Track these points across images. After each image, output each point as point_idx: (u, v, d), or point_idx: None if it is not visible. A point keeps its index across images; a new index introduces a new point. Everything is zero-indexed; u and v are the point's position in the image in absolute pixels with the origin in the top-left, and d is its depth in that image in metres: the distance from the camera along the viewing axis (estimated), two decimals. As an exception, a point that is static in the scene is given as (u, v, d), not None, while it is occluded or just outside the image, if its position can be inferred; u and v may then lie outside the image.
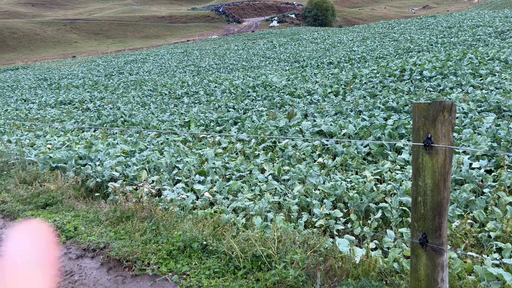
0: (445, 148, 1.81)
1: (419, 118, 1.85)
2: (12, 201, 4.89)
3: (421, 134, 1.86)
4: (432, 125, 1.81)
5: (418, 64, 14.31)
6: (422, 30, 33.14)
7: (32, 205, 4.67)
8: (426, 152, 1.85)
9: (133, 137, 8.81)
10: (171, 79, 23.19)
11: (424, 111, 1.82)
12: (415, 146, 1.89)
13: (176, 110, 13.28)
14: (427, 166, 1.86)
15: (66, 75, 32.94)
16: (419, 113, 1.85)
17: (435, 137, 1.81)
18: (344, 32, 44.25)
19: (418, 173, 1.91)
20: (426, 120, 1.82)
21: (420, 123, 1.85)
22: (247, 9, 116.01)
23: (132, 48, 77.83)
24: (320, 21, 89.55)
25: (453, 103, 1.81)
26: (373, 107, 9.47)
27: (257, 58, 30.54)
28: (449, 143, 1.83)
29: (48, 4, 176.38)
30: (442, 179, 1.86)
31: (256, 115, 10.67)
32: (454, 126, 1.83)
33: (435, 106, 1.79)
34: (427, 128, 1.82)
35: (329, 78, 15.80)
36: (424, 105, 1.82)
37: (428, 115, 1.81)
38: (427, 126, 1.82)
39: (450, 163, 1.85)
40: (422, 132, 1.85)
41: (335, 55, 24.80)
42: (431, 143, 1.82)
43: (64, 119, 12.96)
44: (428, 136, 1.82)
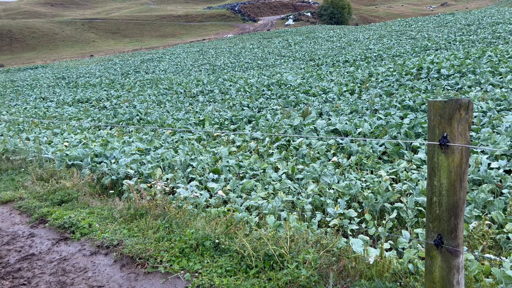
0: (462, 147, 1.76)
1: (435, 117, 1.80)
2: (29, 197, 4.97)
3: (436, 133, 1.81)
4: (448, 123, 1.76)
5: (435, 62, 14.08)
6: (440, 28, 32.62)
7: (48, 202, 4.74)
8: (442, 151, 1.80)
9: (148, 135, 8.88)
10: (186, 78, 23.31)
11: (440, 109, 1.77)
12: (430, 145, 1.84)
13: (191, 108, 13.34)
14: (443, 165, 1.81)
15: (84, 73, 33.41)
16: (435, 111, 1.80)
17: (451, 136, 1.76)
18: (360, 30, 43.83)
19: (433, 172, 1.86)
20: (442, 119, 1.78)
21: (436, 122, 1.80)
22: (263, 7, 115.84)
23: (148, 47, 78.56)
24: (336, 19, 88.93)
25: (470, 101, 1.76)
26: (389, 106, 9.35)
27: (272, 57, 30.48)
28: (465, 142, 1.77)
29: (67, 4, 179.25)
30: (458, 179, 1.81)
31: (271, 113, 10.64)
32: (471, 124, 1.77)
33: (451, 104, 1.74)
34: (443, 127, 1.78)
35: (345, 76, 15.66)
36: (440, 103, 1.77)
37: (444, 113, 1.76)
38: (443, 124, 1.78)
39: (466, 162, 1.79)
40: (438, 130, 1.80)
41: (351, 53, 24.58)
42: (446, 142, 1.77)
43: (81, 117, 13.14)
44: (443, 135, 1.77)
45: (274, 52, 33.93)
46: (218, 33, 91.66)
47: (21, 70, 48.34)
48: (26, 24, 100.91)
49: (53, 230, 4.03)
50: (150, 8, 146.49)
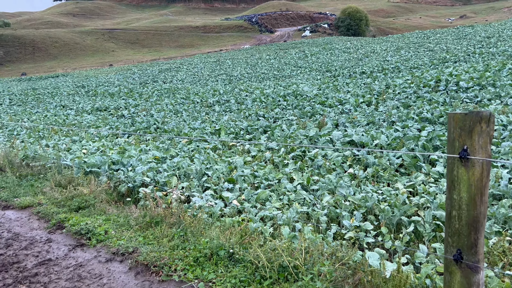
0: (482, 160, 1.73)
1: (455, 129, 1.77)
2: (47, 203, 5.05)
3: (456, 146, 1.78)
4: (468, 136, 1.73)
5: (454, 74, 13.91)
6: (459, 40, 32.29)
7: (65, 208, 4.80)
8: (462, 164, 1.77)
9: (165, 144, 8.96)
10: (203, 88, 23.52)
11: (460, 121, 1.75)
12: (450, 158, 1.81)
13: (207, 118, 13.43)
14: (463, 179, 1.78)
15: (103, 82, 34.01)
16: (455, 123, 1.77)
17: (472, 149, 1.73)
18: (377, 42, 43.69)
19: (453, 186, 1.83)
20: (462, 131, 1.75)
21: (456, 134, 1.77)
22: (280, 19, 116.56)
23: (166, 57, 79.66)
24: (353, 31, 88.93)
25: (491, 113, 1.73)
26: (406, 118, 9.26)
27: (289, 68, 30.56)
28: (486, 155, 1.74)
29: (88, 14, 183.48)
30: (478, 193, 1.77)
31: (286, 124, 10.63)
32: (492, 138, 1.74)
33: (472, 116, 1.72)
34: (463, 140, 1.75)
35: (362, 88, 15.59)
36: (460, 115, 1.75)
37: (464, 125, 1.74)
38: (463, 137, 1.75)
39: (487, 176, 1.76)
40: (458, 143, 1.77)
41: (368, 64, 24.48)
42: (467, 155, 1.74)
43: (99, 125, 13.34)
44: (464, 148, 1.74)
45: (290, 63, 34.03)
46: (235, 43, 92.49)
47: (42, 79, 49.49)
48: (48, 33, 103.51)
49: (70, 236, 4.08)
50: (169, 19, 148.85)
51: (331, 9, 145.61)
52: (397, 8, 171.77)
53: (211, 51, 79.15)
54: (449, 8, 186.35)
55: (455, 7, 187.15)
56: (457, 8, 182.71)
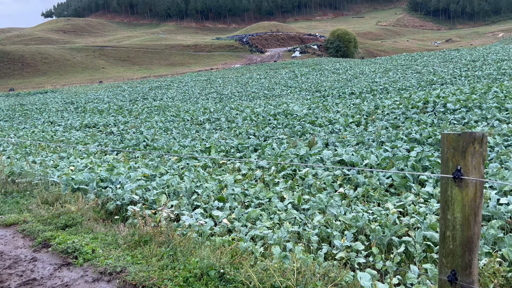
0: (476, 181, 1.74)
1: (448, 149, 1.79)
2: (33, 221, 4.94)
3: (450, 166, 1.79)
4: (462, 156, 1.75)
5: (441, 96, 14.15)
6: (445, 63, 32.98)
7: (52, 226, 4.70)
8: (456, 184, 1.78)
9: (154, 161, 8.89)
10: (193, 106, 23.54)
11: (454, 142, 1.76)
12: (444, 178, 1.82)
13: (197, 136, 13.40)
14: (457, 199, 1.79)
15: (92, 99, 33.85)
16: (448, 143, 1.79)
17: (465, 169, 1.75)
18: (366, 64, 44.40)
19: (446, 206, 1.83)
20: (456, 152, 1.76)
21: (449, 154, 1.79)
22: (270, 39, 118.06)
23: (157, 75, 79.83)
24: (342, 52, 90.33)
25: (484, 134, 1.75)
26: (395, 138, 9.35)
27: (279, 87, 30.81)
28: (480, 176, 1.75)
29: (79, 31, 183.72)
30: (472, 214, 1.78)
31: (277, 142, 10.65)
32: (485, 158, 1.76)
33: (465, 137, 1.74)
34: (457, 160, 1.76)
35: (351, 108, 15.75)
36: (453, 136, 1.77)
37: (458, 146, 1.75)
38: (457, 157, 1.76)
39: (481, 197, 1.77)
40: (451, 163, 1.78)
41: (357, 85, 24.81)
42: (460, 175, 1.75)
43: (88, 141, 13.21)
44: (457, 168, 1.76)
45: (280, 82, 34.33)
46: (226, 63, 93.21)
47: (31, 94, 49.12)
48: (38, 49, 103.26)
49: (56, 255, 3.98)
50: (160, 38, 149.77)
51: (321, 31, 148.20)
52: (385, 31, 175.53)
53: (202, 70, 79.59)
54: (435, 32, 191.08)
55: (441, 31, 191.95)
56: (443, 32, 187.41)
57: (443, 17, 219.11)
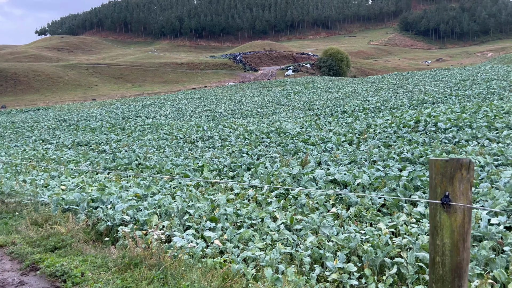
0: (464, 207, 1.75)
1: (436, 175, 1.81)
2: (21, 242, 4.87)
3: (438, 192, 1.81)
4: (449, 182, 1.77)
5: (432, 115, 14.31)
6: (436, 82, 33.46)
7: (41, 248, 4.63)
8: (444, 210, 1.80)
9: (146, 181, 8.84)
10: (187, 124, 23.56)
11: (441, 168, 1.79)
12: (432, 204, 1.84)
13: (190, 154, 13.38)
14: (445, 225, 1.80)
15: (85, 117, 33.77)
16: (436, 169, 1.81)
17: (453, 195, 1.77)
18: (358, 82, 44.91)
19: (435, 231, 1.85)
20: (444, 177, 1.78)
21: (437, 180, 1.81)
22: (264, 58, 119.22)
23: (150, 92, 79.99)
24: (334, 71, 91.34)
25: (471, 161, 1.78)
26: (387, 157, 9.40)
27: (272, 105, 30.99)
28: (467, 202, 1.77)
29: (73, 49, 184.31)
30: (461, 239, 1.79)
31: (270, 161, 10.66)
32: (473, 184, 1.78)
33: (453, 163, 1.76)
34: (445, 186, 1.78)
35: (343, 126, 15.86)
36: (441, 162, 1.79)
37: (446, 172, 1.78)
38: (445, 183, 1.78)
39: (469, 222, 1.78)
40: (440, 189, 1.80)
41: (349, 104, 25.03)
42: (449, 201, 1.77)
43: (79, 160, 13.13)
44: (445, 194, 1.77)
45: (273, 101, 34.55)
46: (219, 81, 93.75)
47: (22, 112, 48.90)
48: (31, 67, 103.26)
49: (44, 279, 3.91)
50: (154, 55, 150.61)
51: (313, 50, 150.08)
52: (376, 50, 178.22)
53: (196, 88, 79.92)
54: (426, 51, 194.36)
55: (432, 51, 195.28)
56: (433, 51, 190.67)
57: (433, 36, 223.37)
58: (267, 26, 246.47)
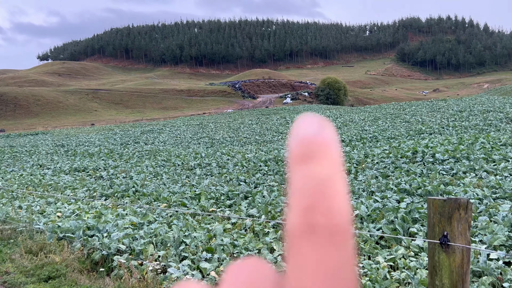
0: (463, 247, 1.75)
1: (434, 215, 1.82)
2: (15, 272, 4.79)
3: (436, 231, 1.81)
4: (448, 222, 1.78)
5: (430, 146, 14.38)
6: (433, 112, 33.78)
7: (34, 278, 4.56)
8: (443, 250, 1.80)
9: (143, 208, 8.78)
10: (185, 150, 23.58)
11: (440, 207, 1.80)
12: (431, 243, 1.84)
13: (187, 181, 13.33)
14: (444, 265, 1.80)
15: (83, 142, 33.80)
16: (434, 209, 1.82)
17: (452, 235, 1.77)
18: (355, 112, 45.30)
19: (434, 271, 1.84)
20: (442, 217, 1.79)
21: (436, 220, 1.81)
22: (262, 86, 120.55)
23: (149, 118, 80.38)
24: (332, 100, 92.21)
25: (469, 201, 1.79)
26: (385, 188, 9.39)
27: (270, 133, 31.13)
28: (466, 242, 1.77)
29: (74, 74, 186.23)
30: (460, 280, 1.78)
31: (267, 190, 10.63)
32: (471, 224, 1.78)
33: (451, 203, 1.77)
34: (443, 225, 1.79)
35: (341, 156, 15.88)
36: (439, 202, 1.80)
37: (444, 211, 1.78)
38: (443, 223, 1.79)
39: (468, 263, 1.78)
40: (438, 229, 1.81)
41: (347, 133, 25.18)
42: (447, 241, 1.77)
43: (76, 186, 13.06)
44: (444, 234, 1.78)
45: (272, 128, 34.74)
46: (218, 107, 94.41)
47: (21, 136, 48.93)
48: (32, 91, 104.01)
49: (36, 310, 3.84)
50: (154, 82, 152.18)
51: (311, 79, 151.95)
52: (374, 80, 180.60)
53: (195, 114, 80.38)
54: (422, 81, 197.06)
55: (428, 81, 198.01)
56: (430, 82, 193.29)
57: (430, 67, 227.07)
58: (266, 55, 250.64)
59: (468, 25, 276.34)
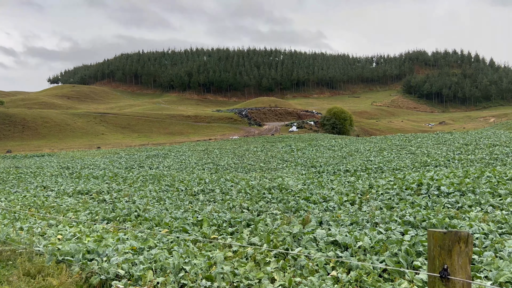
0: (463, 282, 1.73)
1: (435, 247, 1.80)
2: (11, 294, 4.74)
3: (436, 264, 1.79)
4: (448, 255, 1.75)
5: (435, 179, 14.28)
6: (439, 145, 33.70)
7: (30, 301, 4.50)
8: (443, 284, 1.77)
9: (144, 233, 8.72)
10: (189, 176, 23.57)
11: (440, 240, 1.78)
12: (431, 277, 1.81)
13: (190, 207, 13.28)
14: (444, 299, 1.76)
15: (88, 165, 33.94)
16: (435, 241, 1.80)
17: (452, 269, 1.74)
18: (361, 142, 45.29)
19: (435, 306, 1.80)
20: (442, 250, 1.77)
21: (436, 252, 1.79)
22: (269, 114, 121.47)
23: (155, 143, 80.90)
24: (338, 129, 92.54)
25: (470, 234, 1.77)
26: (389, 220, 9.28)
27: (275, 161, 31.12)
28: (466, 276, 1.75)
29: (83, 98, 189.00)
30: (461, 316, 1.74)
31: (270, 218, 10.54)
32: (471, 258, 1.76)
33: (451, 236, 1.75)
34: (443, 258, 1.76)
35: (346, 185, 15.80)
36: (439, 234, 1.79)
37: (444, 244, 1.76)
38: (443, 256, 1.77)
39: (468, 298, 1.74)
40: (438, 262, 1.78)
41: (352, 163, 25.10)
42: (447, 274, 1.74)
43: (79, 209, 13.04)
44: (444, 267, 1.75)
45: (277, 156, 34.74)
46: (224, 134, 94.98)
47: (27, 157, 49.28)
48: (40, 113, 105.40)
49: (30, 334, 3.77)
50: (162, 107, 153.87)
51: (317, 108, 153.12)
52: (380, 111, 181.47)
53: (200, 140, 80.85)
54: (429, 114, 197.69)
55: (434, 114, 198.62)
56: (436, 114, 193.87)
57: (436, 100, 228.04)
58: (273, 84, 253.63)
59: (474, 59, 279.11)
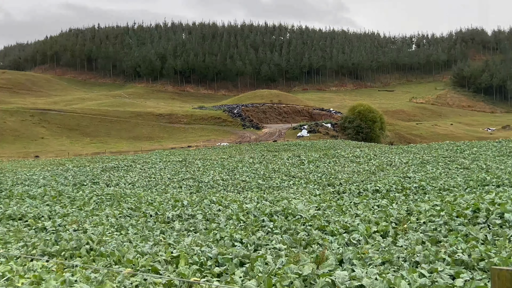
0: (541, 339, 1.73)
1: (501, 291, 1.80)
2: None
3: (504, 315, 1.79)
4: (519, 302, 1.75)
5: (497, 203, 14.32)
6: (502, 157, 33.88)
7: None
8: None
9: (99, 274, 8.70)
10: (160, 196, 23.57)
11: (508, 281, 1.78)
12: (497, 332, 1.81)
13: (162, 239, 13.27)
14: None
15: (23, 180, 33.90)
16: (501, 283, 1.80)
17: (525, 321, 1.74)
18: (396, 152, 45.47)
19: None
20: (511, 295, 1.77)
21: (503, 298, 1.79)
22: (270, 112, 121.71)
23: (115, 150, 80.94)
24: (364, 135, 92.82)
25: (549, 273, 1.78)
26: (435, 259, 9.30)
27: (278, 176, 31.17)
28: (545, 331, 1.75)
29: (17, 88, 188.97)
30: None
31: (272, 254, 10.55)
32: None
33: (523, 276, 1.76)
34: (513, 307, 1.76)
35: (375, 211, 15.84)
36: (507, 273, 1.79)
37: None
38: (513, 303, 1.77)
39: None
40: (506, 312, 1.78)
41: (383, 181, 25.17)
42: (520, 329, 1.74)
43: (9, 240, 13.00)
44: (515, 319, 1.75)
45: (281, 170, 34.81)
46: (209, 140, 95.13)
47: None
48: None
49: None
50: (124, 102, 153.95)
51: (336, 106, 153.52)
52: (421, 111, 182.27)
53: (177, 147, 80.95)
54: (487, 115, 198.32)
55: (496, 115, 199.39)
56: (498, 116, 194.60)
57: (498, 96, 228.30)
58: (276, 72, 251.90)
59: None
